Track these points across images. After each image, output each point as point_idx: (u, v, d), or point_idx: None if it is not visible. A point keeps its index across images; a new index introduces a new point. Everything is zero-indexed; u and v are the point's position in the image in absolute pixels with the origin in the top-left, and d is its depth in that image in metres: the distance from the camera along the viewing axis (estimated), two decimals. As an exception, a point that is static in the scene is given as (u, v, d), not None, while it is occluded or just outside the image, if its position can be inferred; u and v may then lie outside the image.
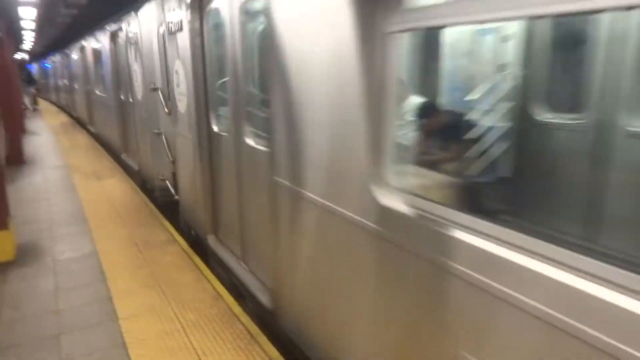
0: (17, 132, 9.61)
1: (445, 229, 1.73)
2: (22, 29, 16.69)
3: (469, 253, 1.63)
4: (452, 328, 1.75)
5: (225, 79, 3.96)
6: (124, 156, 8.88)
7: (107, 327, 3.41)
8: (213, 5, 3.94)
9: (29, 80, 27.38)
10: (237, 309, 3.64)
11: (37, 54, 36.69)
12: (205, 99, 4.33)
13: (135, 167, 7.83)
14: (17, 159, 9.05)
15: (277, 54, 2.75)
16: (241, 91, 3.66)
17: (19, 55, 27.06)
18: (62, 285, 4.09)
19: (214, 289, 3.97)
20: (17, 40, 19.71)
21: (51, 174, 8.50)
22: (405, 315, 2.00)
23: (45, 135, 13.57)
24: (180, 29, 4.56)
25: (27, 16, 12.77)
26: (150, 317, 3.52)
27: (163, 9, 5.16)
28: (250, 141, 3.56)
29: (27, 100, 18.85)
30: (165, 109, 5.59)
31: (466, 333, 1.70)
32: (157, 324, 3.43)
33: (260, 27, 3.62)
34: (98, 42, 10.37)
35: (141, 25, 6.46)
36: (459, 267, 1.66)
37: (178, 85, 4.91)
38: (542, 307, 1.38)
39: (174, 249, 4.82)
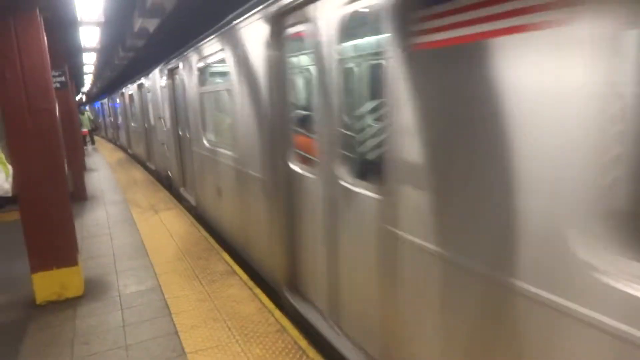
0: (79, 169, 10.07)
1: (214, 148, 6.24)
2: (84, 73, 17.70)
3: (219, 155, 5.92)
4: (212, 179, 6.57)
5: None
6: (148, 163, 13.21)
7: (175, 362, 3.40)
8: (177, 74, 8.06)
9: None
10: (302, 342, 3.56)
11: (93, 95, 38.84)
12: (176, 120, 8.69)
13: (154, 167, 12.44)
14: (80, 195, 9.46)
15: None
16: (185, 111, 7.80)
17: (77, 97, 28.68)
18: (129, 320, 4.14)
19: (277, 321, 3.92)
20: (78, 83, 20.91)
21: (111, 208, 8.80)
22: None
23: (103, 171, 14.16)
24: (165, 85, 9.02)
25: (89, 60, 13.53)
26: (217, 351, 3.50)
27: (160, 73, 9.49)
28: (187, 135, 7.84)
29: None
30: (164, 128, 9.82)
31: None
32: (224, 359, 3.40)
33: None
34: (131, 90, 14.87)
35: (153, 81, 10.69)
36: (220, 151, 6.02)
37: (165, 114, 9.50)
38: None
39: (234, 281, 4.83)
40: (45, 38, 4.54)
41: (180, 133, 8.57)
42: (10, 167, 4.27)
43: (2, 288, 4.87)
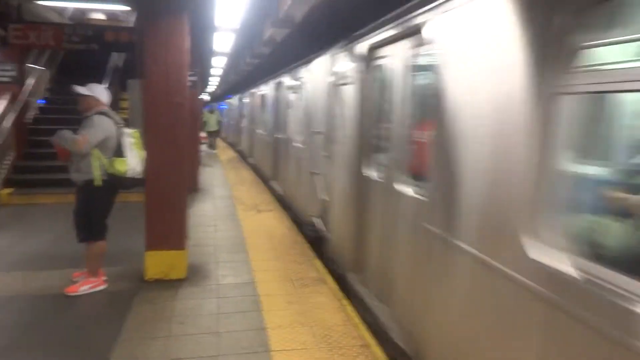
0: (195, 164, 10.86)
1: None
2: (210, 74, 19.14)
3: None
4: None
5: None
6: (239, 148, 18.69)
7: (261, 357, 3.53)
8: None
9: None
10: (385, 362, 3.51)
11: (216, 97, 41.72)
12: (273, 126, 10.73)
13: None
14: (193, 187, 10.18)
15: None
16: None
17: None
18: (223, 309, 4.37)
19: (362, 336, 3.91)
20: (205, 83, 22.63)
21: (219, 203, 9.38)
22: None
23: (216, 168, 15.13)
24: (264, 103, 11.47)
25: (217, 64, 14.61)
26: (302, 354, 3.58)
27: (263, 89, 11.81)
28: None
29: None
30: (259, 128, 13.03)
31: None
32: (307, 363, 3.47)
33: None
34: (240, 100, 19.45)
35: (250, 97, 14.84)
36: None
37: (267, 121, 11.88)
38: None
39: (324, 290, 4.90)
40: (188, 40, 5.00)
41: (277, 136, 10.16)
42: (144, 152, 4.74)
43: (118, 260, 5.37)
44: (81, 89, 4.58)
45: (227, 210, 8.73)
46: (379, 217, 4.37)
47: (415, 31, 3.47)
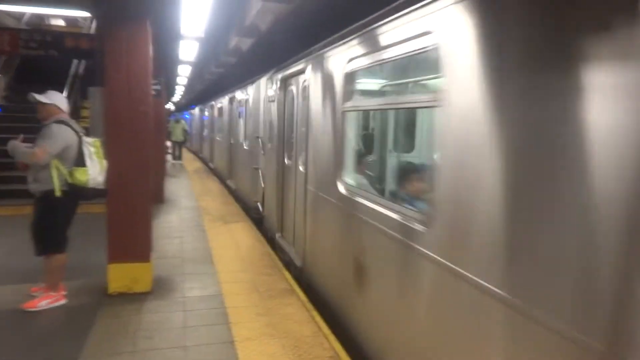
0: (161, 175, 10.64)
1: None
2: (176, 83, 18.88)
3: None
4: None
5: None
6: (201, 155, 19.62)
7: (229, 371, 3.44)
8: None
9: None
10: (356, 373, 3.49)
11: (181, 106, 41.18)
12: (228, 131, 12.22)
13: (213, 166, 16.86)
14: (158, 198, 9.96)
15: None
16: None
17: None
18: (190, 322, 4.26)
19: (332, 347, 3.87)
20: (170, 93, 22.31)
21: (185, 214, 9.19)
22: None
23: (182, 178, 14.87)
24: (221, 113, 13.52)
25: (182, 73, 14.42)
26: (270, 367, 3.51)
27: (227, 100, 12.66)
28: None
29: None
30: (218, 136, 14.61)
31: None
32: (276, 375, 3.40)
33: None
34: (202, 111, 21.55)
35: (210, 108, 16.36)
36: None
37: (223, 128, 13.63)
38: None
39: (292, 300, 4.84)
40: (151, 47, 4.89)
41: (231, 141, 12.00)
42: (105, 162, 4.59)
43: (79, 274, 5.17)
44: (39, 97, 4.42)
45: (194, 221, 8.56)
46: (289, 190, 6.39)
47: (303, 71, 5.61)
